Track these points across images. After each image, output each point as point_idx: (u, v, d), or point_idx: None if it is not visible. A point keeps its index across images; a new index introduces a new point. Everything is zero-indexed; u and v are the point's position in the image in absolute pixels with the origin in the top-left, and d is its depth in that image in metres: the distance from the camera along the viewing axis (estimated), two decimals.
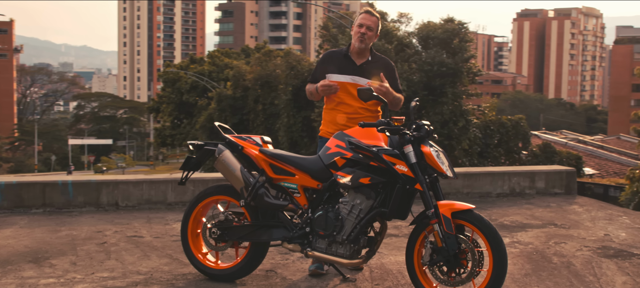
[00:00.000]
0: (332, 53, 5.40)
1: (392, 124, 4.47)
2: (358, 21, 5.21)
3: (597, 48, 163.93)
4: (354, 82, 5.21)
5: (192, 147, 5.03)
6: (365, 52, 5.25)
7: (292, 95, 30.75)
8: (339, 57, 5.31)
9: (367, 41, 5.18)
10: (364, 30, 5.16)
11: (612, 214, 7.52)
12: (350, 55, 5.27)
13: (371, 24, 5.18)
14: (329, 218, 4.55)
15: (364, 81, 5.18)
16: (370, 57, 5.27)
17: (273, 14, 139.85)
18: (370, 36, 5.18)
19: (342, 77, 5.23)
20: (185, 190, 7.58)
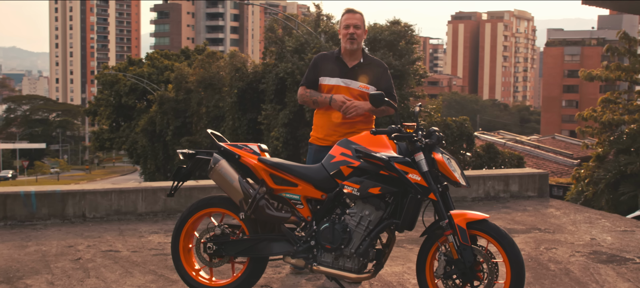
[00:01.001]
0: (324, 56, 5.19)
1: (403, 131, 4.26)
2: (343, 22, 5.02)
3: (528, 50, 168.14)
4: (346, 86, 5.02)
5: (183, 156, 4.71)
6: (356, 53, 5.06)
7: (238, 97, 30.34)
8: (330, 60, 5.11)
9: (358, 41, 4.99)
10: (351, 30, 4.96)
11: (590, 217, 7.51)
12: (342, 58, 5.06)
13: (357, 21, 4.99)
14: (336, 230, 4.31)
15: (357, 84, 5.00)
16: (362, 59, 5.07)
17: (210, 16, 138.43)
18: (359, 34, 4.99)
19: (334, 81, 5.05)
20: (156, 200, 7.22)
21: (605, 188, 19.71)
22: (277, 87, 28.18)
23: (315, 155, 5.09)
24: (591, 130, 21.88)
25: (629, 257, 5.79)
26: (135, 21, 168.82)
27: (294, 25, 29.80)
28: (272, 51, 31.09)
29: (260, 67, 31.11)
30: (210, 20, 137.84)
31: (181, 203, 7.27)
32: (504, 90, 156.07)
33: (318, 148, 5.10)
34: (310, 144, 5.16)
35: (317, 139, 5.11)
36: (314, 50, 26.65)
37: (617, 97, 22.27)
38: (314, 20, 29.30)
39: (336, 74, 5.03)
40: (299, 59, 26.82)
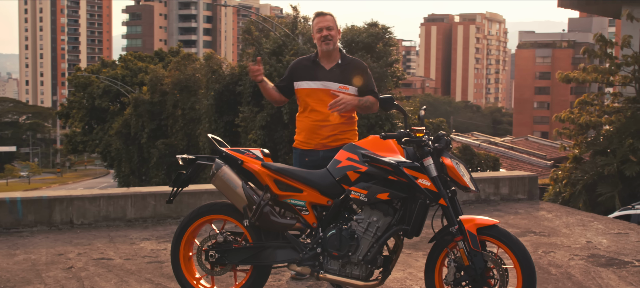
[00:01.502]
0: (301, 60, 5.14)
1: (412, 135, 4.18)
2: (315, 27, 4.95)
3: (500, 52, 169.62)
4: (325, 88, 4.92)
5: (183, 162, 4.58)
6: (333, 54, 4.97)
7: (214, 99, 30.11)
8: (307, 64, 5.04)
9: (333, 41, 4.90)
10: (325, 32, 4.89)
11: (582, 220, 7.50)
12: (319, 61, 4.98)
13: (328, 23, 4.91)
14: (343, 237, 4.22)
15: (336, 86, 4.91)
16: (340, 60, 4.98)
17: (183, 17, 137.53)
18: (333, 35, 4.91)
19: (312, 84, 4.96)
20: (145, 206, 7.06)
21: (583, 189, 19.85)
22: (254, 89, 27.99)
23: (300, 159, 5.02)
24: (569, 131, 22.02)
25: (628, 260, 5.78)
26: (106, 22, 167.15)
27: (272, 27, 29.66)
28: (249, 53, 30.93)
29: (236, 69, 30.91)
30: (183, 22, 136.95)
31: (171, 209, 7.13)
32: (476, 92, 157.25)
33: (302, 152, 5.02)
34: (294, 148, 5.08)
35: (300, 143, 5.03)
36: (292, 52, 26.55)
37: (593, 99, 22.46)
38: (291, 22, 29.18)
39: (313, 77, 4.95)
40: (277, 61, 26.69)
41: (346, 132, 4.99)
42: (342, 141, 4.89)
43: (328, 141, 4.91)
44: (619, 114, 20.52)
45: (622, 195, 19.71)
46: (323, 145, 4.92)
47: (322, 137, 4.90)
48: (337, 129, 4.91)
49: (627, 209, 17.39)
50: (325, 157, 4.80)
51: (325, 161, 4.69)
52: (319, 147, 4.93)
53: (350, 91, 4.90)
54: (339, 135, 4.92)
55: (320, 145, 4.93)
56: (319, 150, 4.91)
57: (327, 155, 4.80)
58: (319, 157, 4.88)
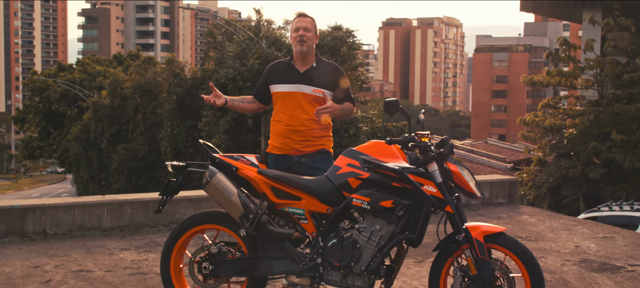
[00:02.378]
0: (276, 64, 4.91)
1: (418, 140, 4.03)
2: (293, 26, 4.76)
3: (458, 56, 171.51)
4: (298, 91, 4.70)
5: (172, 169, 4.36)
6: (308, 57, 4.76)
7: (176, 104, 29.73)
8: (282, 67, 4.82)
9: (308, 43, 4.69)
10: (301, 32, 4.68)
11: (566, 224, 7.46)
12: (294, 64, 4.79)
13: (307, 24, 4.72)
14: (344, 247, 4.05)
15: (310, 89, 4.69)
16: (315, 63, 4.77)
17: (140, 21, 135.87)
18: (309, 37, 4.70)
19: (286, 87, 4.74)
20: (122, 214, 6.79)
21: (548, 191, 20.02)
22: None
23: (274, 164, 4.75)
24: (534, 134, 22.22)
25: (620, 265, 5.72)
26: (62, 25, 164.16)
27: (235, 31, 29.37)
28: (211, 56, 30.60)
29: (199, 73, 30.56)
30: (141, 26, 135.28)
31: (149, 217, 6.87)
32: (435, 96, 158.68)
33: (276, 157, 4.75)
34: (268, 153, 4.85)
35: (274, 148, 4.77)
36: (256, 55, 26.32)
37: (557, 102, 22.70)
38: (254, 25, 28.93)
39: (288, 80, 4.74)
40: (241, 64, 26.43)
41: (322, 137, 4.75)
42: (317, 146, 4.69)
43: (301, 146, 4.66)
44: (582, 117, 20.77)
45: (586, 197, 19.93)
46: (296, 150, 4.66)
47: (295, 141, 4.67)
48: (311, 134, 4.68)
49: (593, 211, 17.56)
50: (299, 163, 4.60)
51: (299, 167, 4.54)
52: (293, 152, 4.68)
53: (323, 95, 4.71)
54: (313, 141, 4.69)
55: (294, 150, 4.67)
56: (292, 156, 4.66)
57: (301, 160, 4.61)
58: (292, 162, 4.65)
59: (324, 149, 4.71)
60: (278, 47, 27.17)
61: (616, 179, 19.46)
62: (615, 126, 19.80)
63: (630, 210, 17.38)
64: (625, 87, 20.82)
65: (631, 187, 19.24)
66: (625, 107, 19.92)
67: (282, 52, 27.06)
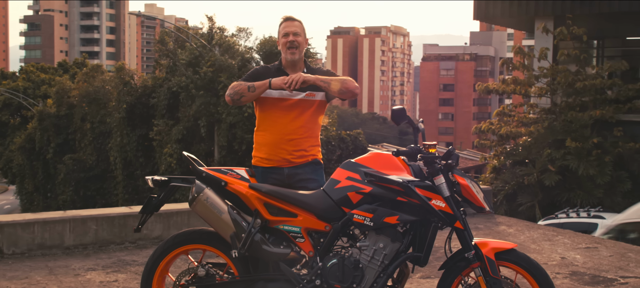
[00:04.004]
0: (264, 69, 4.51)
1: (425, 151, 3.76)
2: (281, 31, 4.42)
3: (405, 65, 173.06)
4: (291, 98, 4.31)
5: (154, 184, 3.98)
6: (298, 64, 4.43)
7: (126, 112, 28.99)
8: (271, 73, 4.42)
9: (299, 49, 4.36)
10: (291, 38, 4.35)
11: (546, 234, 7.32)
12: (284, 70, 4.42)
13: (296, 29, 4.39)
14: (346, 267, 3.74)
15: (302, 94, 4.31)
16: (305, 70, 4.45)
17: (85, 28, 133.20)
18: (300, 42, 4.38)
19: (277, 92, 4.31)
20: (86, 231, 6.34)
21: (504, 199, 20.10)
22: (169, 101, 27.15)
23: (263, 178, 4.30)
24: (489, 142, 22.31)
25: (611, 277, 5.57)
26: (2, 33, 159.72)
27: (187, 38, 28.81)
28: (163, 64, 30.00)
29: (149, 81, 29.89)
30: (85, 33, 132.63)
31: (114, 233, 6.45)
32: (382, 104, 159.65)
33: (264, 170, 4.31)
34: (255, 166, 4.40)
35: (262, 160, 4.34)
36: (209, 63, 25.85)
37: (511, 110, 22.85)
38: (207, 33, 28.45)
39: None
40: (194, 72, 25.91)
41: (313, 146, 4.40)
42: (308, 157, 4.32)
43: (294, 157, 4.29)
44: (536, 124, 20.93)
45: (542, 204, 20.07)
46: (288, 162, 4.28)
47: (287, 152, 4.29)
48: (305, 144, 4.32)
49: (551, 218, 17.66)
50: (291, 175, 4.23)
51: (291, 179, 4.18)
52: (284, 164, 4.29)
53: (318, 97, 4.39)
54: (306, 151, 4.33)
55: (286, 162, 4.29)
56: (283, 168, 4.28)
57: (293, 172, 4.24)
58: (283, 174, 4.27)
59: (315, 160, 4.36)
60: (232, 55, 26.75)
61: (571, 186, 19.63)
62: (569, 133, 19.99)
63: (587, 216, 17.52)
64: (577, 94, 21.11)
65: (585, 194, 19.43)
66: (578, 115, 20.16)
67: (236, 60, 26.66)
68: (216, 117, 25.52)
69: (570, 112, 20.25)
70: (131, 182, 29.64)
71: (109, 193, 31.69)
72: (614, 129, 20.33)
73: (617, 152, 19.96)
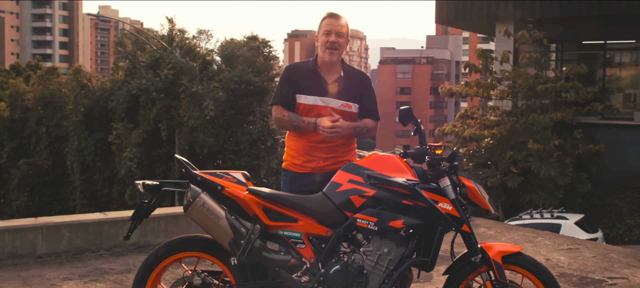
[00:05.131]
0: (297, 67, 4.32)
1: (432, 152, 3.65)
2: (323, 28, 4.17)
3: (362, 68, 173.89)
4: (325, 105, 4.15)
5: (144, 189, 3.78)
6: (335, 65, 4.21)
7: (84, 116, 28.38)
8: (305, 73, 4.21)
9: (339, 51, 4.15)
10: (333, 38, 4.11)
11: (526, 235, 7.30)
12: (319, 71, 4.20)
13: (340, 28, 4.15)
14: (350, 273, 3.61)
15: (338, 103, 4.15)
16: (342, 72, 4.22)
17: (36, 30, 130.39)
18: (341, 44, 4.15)
19: (312, 99, 4.15)
20: (59, 239, 6.08)
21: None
22: (128, 104, 26.68)
23: (291, 183, 4.22)
24: (453, 144, 22.42)
25: (599, 278, 5.55)
26: None
27: (147, 40, 28.35)
28: (121, 66, 29.49)
29: (108, 84, 29.34)
30: (37, 35, 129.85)
31: (89, 241, 6.19)
32: None
33: (295, 175, 4.21)
34: (286, 170, 4.29)
35: (294, 166, 4.22)
36: (169, 66, 25.48)
37: (473, 113, 23.03)
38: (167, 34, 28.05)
39: (314, 91, 4.17)
40: (154, 74, 25.50)
41: (348, 151, 4.27)
42: (342, 163, 4.09)
43: (327, 164, 4.15)
44: (499, 127, 21.12)
45: (505, 205, 20.26)
46: (321, 169, 4.15)
47: (320, 159, 4.15)
48: (336, 151, 4.18)
49: (515, 219, 17.81)
50: (322, 182, 4.04)
51: (321, 186, 3.97)
52: (317, 171, 4.16)
53: (353, 109, 4.21)
54: (339, 156, 4.18)
55: (319, 169, 4.15)
56: (315, 174, 4.15)
57: (324, 179, 4.05)
58: (315, 181, 4.13)
59: None
60: (193, 57, 26.42)
61: (533, 187, 19.86)
62: (530, 136, 20.23)
63: (550, 217, 17.74)
64: (538, 97, 21.38)
65: (547, 195, 19.67)
66: (540, 117, 20.41)
67: (197, 62, 26.35)
68: (177, 121, 25.16)
69: (532, 115, 20.49)
70: (89, 186, 29.01)
71: (65, 199, 30.95)
72: (574, 131, 20.66)
73: (577, 153, 20.29)
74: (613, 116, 22.55)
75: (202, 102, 24.20)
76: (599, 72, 23.87)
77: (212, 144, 24.75)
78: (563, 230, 16.43)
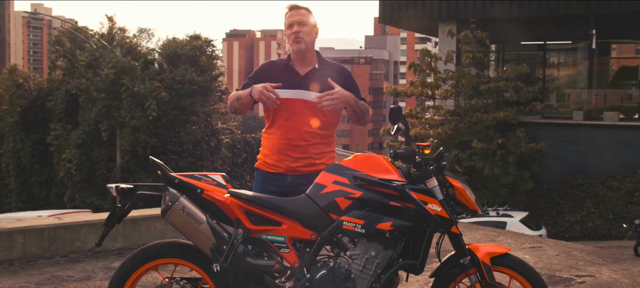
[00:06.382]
0: (272, 63, 4.17)
1: (421, 153, 3.56)
2: (286, 22, 4.06)
3: None
4: (298, 98, 3.99)
5: (117, 193, 3.58)
6: (308, 57, 4.06)
7: (20, 116, 27.48)
8: (278, 68, 4.08)
9: (305, 39, 3.99)
10: (296, 28, 3.99)
11: (487, 234, 7.32)
12: (292, 65, 4.07)
13: (301, 17, 4.02)
14: (336, 278, 3.49)
15: (312, 95, 3.97)
16: (317, 64, 4.08)
17: None
18: (307, 32, 4.01)
19: (284, 93, 3.97)
20: (12, 245, 5.77)
21: None
22: (67, 104, 25.97)
23: (262, 183, 4.07)
24: (398, 144, 22.55)
25: (567, 276, 5.58)
26: None
27: (87, 38, 27.62)
28: (59, 66, 28.69)
29: (45, 83, 28.47)
30: None
31: (44, 247, 5.91)
32: None
33: (266, 174, 4.05)
34: (258, 169, 4.13)
35: (266, 164, 4.07)
36: (110, 65, 24.88)
37: (418, 113, 23.24)
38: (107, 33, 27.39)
39: (286, 84, 4.01)
40: (94, 74, 24.86)
41: (325, 153, 4.07)
42: (318, 166, 3.95)
43: (299, 165, 3.98)
44: (444, 126, 21.35)
45: None
46: (293, 169, 3.98)
47: (292, 159, 3.98)
48: (313, 151, 4.00)
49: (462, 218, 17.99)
50: (294, 184, 3.94)
51: (293, 189, 3.86)
52: (289, 172, 3.99)
53: None
54: (314, 159, 4.00)
55: (290, 169, 3.98)
56: (287, 175, 3.98)
57: (296, 181, 3.94)
58: (286, 183, 3.98)
59: None
60: (134, 57, 25.87)
61: (477, 186, 20.14)
62: (474, 135, 20.51)
63: (496, 215, 18.02)
64: (480, 97, 21.71)
65: (491, 193, 20.00)
66: (483, 116, 20.72)
67: (139, 61, 25.81)
68: (119, 121, 24.59)
69: (476, 114, 20.79)
70: (25, 189, 28.10)
71: (0, 202, 29.91)
72: (516, 130, 21.05)
73: (520, 152, 20.68)
74: (553, 115, 23.09)
75: (144, 102, 23.72)
76: (539, 72, 24.42)
77: (155, 144, 24.28)
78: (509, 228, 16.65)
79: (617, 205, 19.33)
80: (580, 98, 23.57)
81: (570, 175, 21.00)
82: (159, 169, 3.62)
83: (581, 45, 23.48)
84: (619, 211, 19.13)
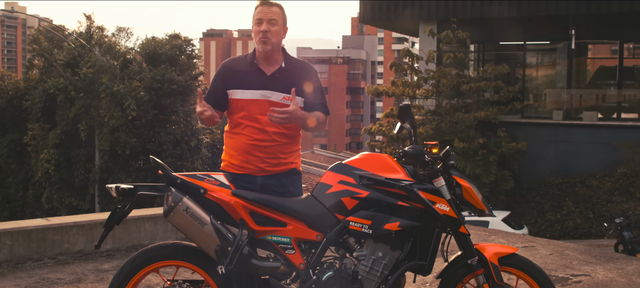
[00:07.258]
0: (233, 62, 3.96)
1: (428, 151, 3.51)
2: (255, 17, 3.86)
3: None
4: (264, 98, 3.81)
5: (118, 193, 3.48)
6: (275, 55, 3.88)
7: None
8: (242, 66, 3.88)
9: (272, 40, 3.80)
10: (264, 26, 3.79)
11: (479, 234, 7.31)
12: (257, 63, 3.88)
13: (273, 15, 3.82)
14: (343, 280, 3.44)
15: (279, 96, 3.81)
16: (283, 63, 3.90)
17: None
18: (276, 32, 3.81)
19: (249, 94, 3.82)
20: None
21: None
22: (45, 104, 25.58)
23: None
24: (379, 143, 22.56)
25: (563, 276, 5.57)
26: None
27: (65, 37, 27.27)
28: (36, 65, 28.30)
29: (22, 83, 28.07)
30: None
31: (32, 249, 5.78)
32: None
33: (234, 176, 3.81)
34: (223, 171, 3.88)
35: (232, 166, 3.87)
36: (89, 64, 24.59)
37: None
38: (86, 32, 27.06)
39: (251, 85, 3.84)
40: (73, 73, 24.54)
41: (292, 153, 3.92)
42: (286, 165, 3.86)
43: (268, 166, 3.82)
44: (425, 126, 21.37)
45: None
46: (262, 170, 3.82)
47: (260, 159, 3.81)
48: (280, 151, 3.84)
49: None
50: (264, 185, 3.79)
51: (264, 190, 3.74)
52: (258, 172, 3.82)
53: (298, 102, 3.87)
54: (283, 158, 3.86)
55: (259, 170, 3.82)
56: (256, 176, 3.81)
57: (267, 182, 3.80)
58: (255, 183, 3.80)
59: (294, 169, 3.90)
60: (113, 56, 25.60)
61: None
62: (456, 134, 20.58)
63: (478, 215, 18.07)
64: (461, 96, 21.78)
65: None
66: (464, 116, 20.78)
67: (118, 60, 25.54)
68: (97, 121, 24.30)
69: (457, 114, 20.85)
70: (2, 190, 27.64)
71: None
72: (497, 130, 21.14)
73: (500, 152, 20.77)
74: (533, 115, 23.23)
75: (123, 101, 23.45)
76: (518, 72, 24.56)
77: (134, 144, 24.02)
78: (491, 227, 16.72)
79: (597, 204, 19.48)
80: (560, 98, 23.74)
81: (550, 174, 21.14)
82: (160, 169, 3.54)
83: (560, 45, 23.64)
84: (598, 210, 19.28)
